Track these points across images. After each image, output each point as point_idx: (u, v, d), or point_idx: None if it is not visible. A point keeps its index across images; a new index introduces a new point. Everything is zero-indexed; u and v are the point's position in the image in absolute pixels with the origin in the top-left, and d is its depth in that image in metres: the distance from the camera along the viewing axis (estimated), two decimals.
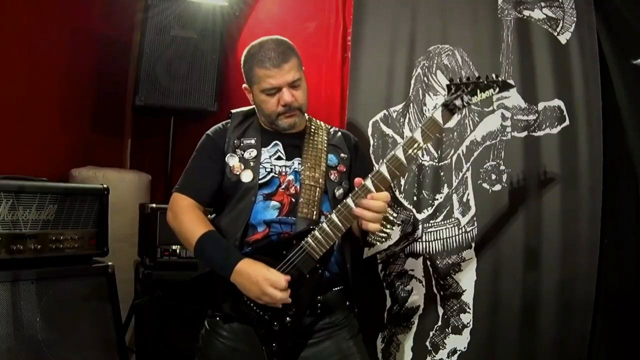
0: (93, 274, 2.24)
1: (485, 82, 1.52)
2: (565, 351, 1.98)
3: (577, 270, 1.98)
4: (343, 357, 1.66)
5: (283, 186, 1.69)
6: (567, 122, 2.05)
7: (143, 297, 2.45)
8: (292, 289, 1.53)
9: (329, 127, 1.87)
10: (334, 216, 1.54)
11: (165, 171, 3.00)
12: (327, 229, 1.54)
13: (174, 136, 2.98)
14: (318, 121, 1.87)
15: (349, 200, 1.54)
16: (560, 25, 2.08)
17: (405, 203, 2.20)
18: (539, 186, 2.04)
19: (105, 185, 2.33)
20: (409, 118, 2.23)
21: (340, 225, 1.54)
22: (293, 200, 1.67)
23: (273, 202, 1.67)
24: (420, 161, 2.19)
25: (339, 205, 1.55)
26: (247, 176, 1.68)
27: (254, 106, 1.80)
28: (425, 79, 2.22)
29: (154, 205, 2.49)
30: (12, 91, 2.63)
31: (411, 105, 2.23)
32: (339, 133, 1.86)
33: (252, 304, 1.58)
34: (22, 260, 2.02)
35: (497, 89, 1.53)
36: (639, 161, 1.99)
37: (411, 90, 2.24)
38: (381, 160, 1.54)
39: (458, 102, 1.52)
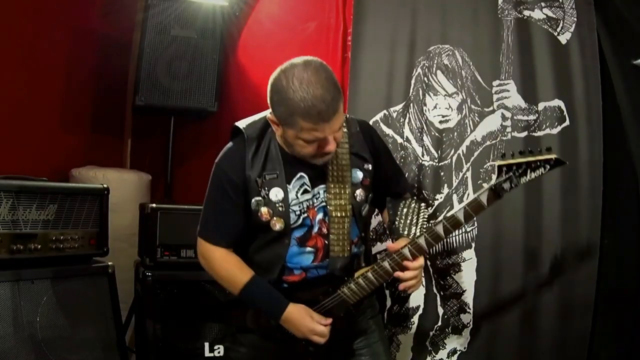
0: (93, 274, 2.23)
1: (538, 163, 1.45)
2: (565, 351, 1.98)
3: (577, 270, 1.98)
4: (363, 334, 1.68)
5: (315, 229, 1.62)
6: (567, 122, 2.05)
7: (144, 297, 2.45)
8: None
9: (348, 124, 1.65)
10: (369, 274, 1.57)
11: (165, 171, 2.99)
12: (362, 283, 1.58)
13: (174, 136, 2.98)
14: None
15: (386, 264, 1.56)
16: (561, 25, 2.08)
17: None
18: (539, 186, 2.04)
19: (105, 185, 2.33)
20: (409, 118, 2.23)
21: (375, 281, 1.58)
22: (326, 242, 1.62)
23: (308, 248, 1.62)
24: (421, 161, 2.19)
25: (374, 265, 1.57)
26: (278, 225, 1.58)
27: (264, 116, 1.60)
28: (425, 79, 2.22)
29: (154, 205, 2.48)
30: (13, 91, 2.63)
31: (411, 105, 2.23)
32: (358, 129, 1.67)
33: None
34: (22, 260, 2.01)
35: (548, 168, 1.46)
36: (639, 161, 1.99)
37: (411, 91, 2.24)
38: (420, 230, 1.57)
39: (506, 186, 1.46)
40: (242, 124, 1.62)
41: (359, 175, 1.64)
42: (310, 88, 1.40)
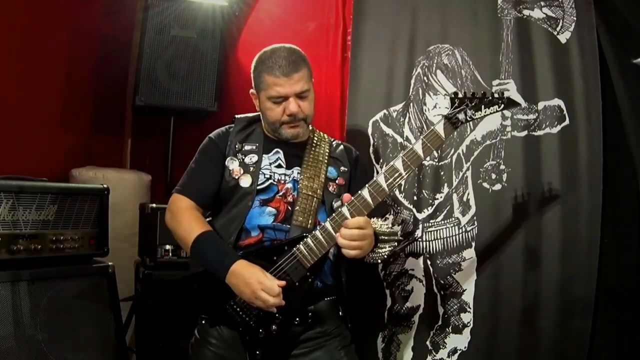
0: (93, 274, 2.24)
1: (490, 98, 1.52)
2: (565, 351, 1.97)
3: (577, 270, 1.98)
4: None
5: (280, 193, 1.68)
6: (567, 122, 2.04)
7: (143, 297, 2.45)
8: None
9: (332, 139, 1.87)
10: (327, 225, 1.54)
11: (165, 171, 3.00)
12: (320, 237, 1.54)
13: (174, 136, 2.98)
14: (321, 133, 1.87)
15: (344, 209, 1.53)
16: (560, 24, 2.08)
17: (406, 203, 2.20)
18: (539, 186, 2.04)
19: (105, 185, 2.33)
20: (409, 118, 2.23)
21: (334, 234, 1.53)
22: (289, 208, 1.66)
23: (269, 208, 1.66)
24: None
25: (333, 214, 1.55)
26: (245, 181, 1.67)
27: (258, 113, 1.80)
28: (425, 78, 2.22)
29: (154, 205, 2.49)
30: (13, 91, 2.63)
31: (411, 104, 2.23)
32: (341, 146, 1.86)
33: (238, 309, 1.58)
34: (22, 261, 2.02)
35: (502, 106, 1.54)
36: (639, 161, 1.99)
37: (411, 90, 2.24)
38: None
39: (461, 116, 1.52)
40: (238, 115, 1.84)
41: (334, 172, 1.77)
42: (275, 51, 1.68)
